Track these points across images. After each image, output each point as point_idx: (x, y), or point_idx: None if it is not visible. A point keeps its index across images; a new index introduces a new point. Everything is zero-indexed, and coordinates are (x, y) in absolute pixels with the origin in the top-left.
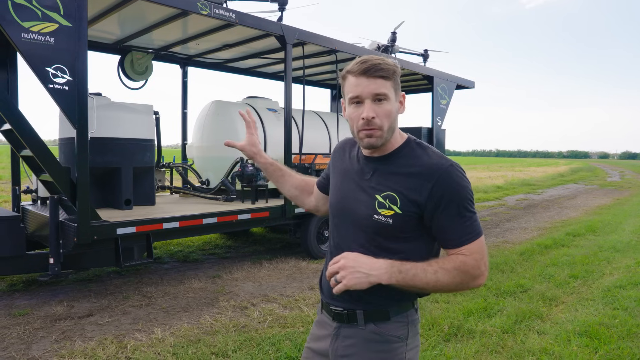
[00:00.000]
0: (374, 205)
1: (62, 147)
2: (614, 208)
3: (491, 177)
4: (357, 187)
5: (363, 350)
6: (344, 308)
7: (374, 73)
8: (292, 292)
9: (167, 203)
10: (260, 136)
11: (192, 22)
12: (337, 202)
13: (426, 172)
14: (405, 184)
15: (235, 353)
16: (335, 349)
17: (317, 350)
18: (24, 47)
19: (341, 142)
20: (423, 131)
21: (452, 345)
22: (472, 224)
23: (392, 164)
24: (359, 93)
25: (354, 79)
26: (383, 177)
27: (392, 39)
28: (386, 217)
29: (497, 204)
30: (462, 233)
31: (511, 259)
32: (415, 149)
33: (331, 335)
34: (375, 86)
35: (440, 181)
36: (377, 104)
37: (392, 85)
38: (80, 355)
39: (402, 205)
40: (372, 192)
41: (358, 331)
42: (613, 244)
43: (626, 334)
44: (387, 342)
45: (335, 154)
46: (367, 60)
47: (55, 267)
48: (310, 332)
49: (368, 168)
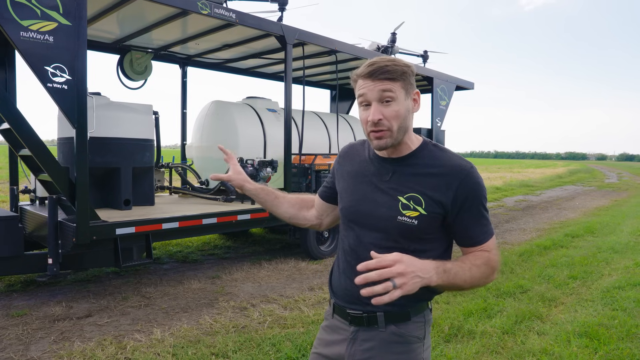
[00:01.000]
0: (397, 206)
1: (60, 146)
2: (612, 209)
3: (490, 178)
4: (375, 189)
5: (383, 352)
6: (364, 311)
7: (379, 75)
8: (292, 293)
9: (167, 203)
10: (260, 136)
11: (192, 22)
12: (352, 205)
13: (449, 173)
14: (429, 185)
15: (235, 354)
16: (353, 354)
17: (329, 356)
18: (22, 45)
19: (346, 147)
20: (423, 132)
21: (453, 345)
22: (489, 222)
23: (412, 165)
24: (366, 96)
25: (361, 82)
26: (404, 178)
27: (392, 39)
28: (411, 218)
29: (495, 205)
30: (483, 231)
31: (510, 260)
32: (434, 150)
33: (347, 339)
34: (382, 88)
35: (465, 182)
36: (384, 106)
37: (402, 85)
38: (79, 356)
39: (426, 206)
40: (394, 194)
41: (377, 334)
42: (611, 245)
43: (625, 335)
44: (407, 342)
45: (342, 159)
46: (374, 63)
47: (53, 268)
48: (318, 338)
49: (386, 169)
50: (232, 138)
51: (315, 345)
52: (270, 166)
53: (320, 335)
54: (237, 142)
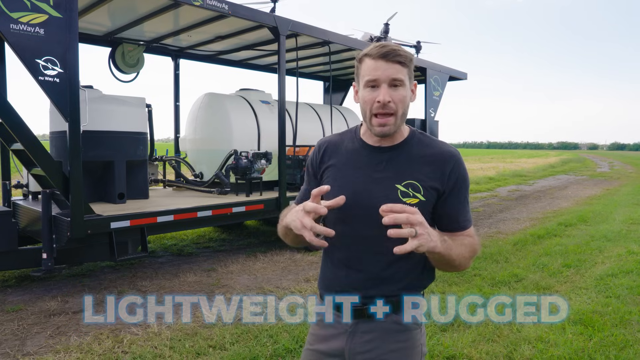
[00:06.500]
0: (396, 195)
1: (53, 140)
2: (604, 198)
3: (483, 168)
4: (369, 179)
5: (384, 342)
6: (364, 303)
7: (392, 58)
8: (288, 285)
9: (161, 196)
10: (254, 128)
11: (184, 13)
12: (346, 199)
13: (441, 159)
14: (424, 171)
15: (232, 346)
16: (354, 347)
17: (327, 352)
18: (12, 38)
19: (322, 143)
20: (416, 123)
21: (449, 334)
22: (469, 210)
23: (406, 153)
24: (377, 76)
25: (372, 62)
26: (399, 165)
27: (384, 30)
28: (412, 205)
29: (489, 195)
30: (466, 217)
31: (505, 249)
32: (423, 138)
33: (346, 332)
34: (393, 71)
35: (455, 168)
36: (393, 89)
37: (408, 72)
38: (76, 350)
39: (425, 193)
40: (391, 182)
41: (378, 324)
42: (604, 234)
43: (619, 321)
44: (407, 330)
45: (321, 156)
46: (387, 45)
47: (48, 262)
48: (312, 334)
49: (379, 158)
50: (225, 130)
51: (309, 341)
52: (265, 158)
53: (313, 331)
54: (231, 135)
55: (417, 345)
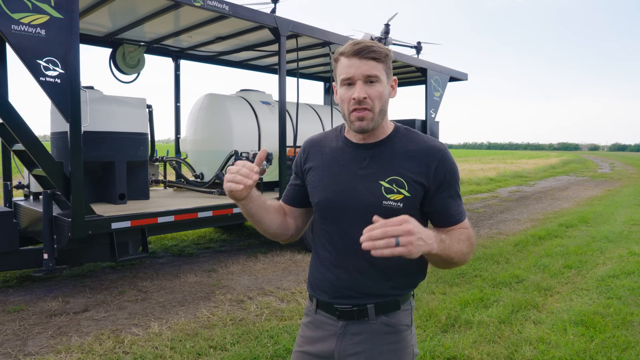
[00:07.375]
0: (380, 191)
1: (54, 141)
2: (605, 199)
3: (483, 169)
4: (354, 177)
5: (375, 344)
6: (353, 305)
7: (366, 54)
8: (289, 285)
9: (162, 197)
10: (254, 129)
11: (184, 14)
12: (330, 197)
13: (427, 154)
14: (408, 166)
15: (233, 346)
16: (343, 349)
17: (316, 354)
18: (14, 39)
19: (307, 142)
20: (417, 123)
21: (450, 335)
22: (461, 203)
23: (390, 149)
24: (351, 74)
25: (346, 60)
26: (383, 161)
27: (385, 31)
28: (396, 201)
29: (489, 195)
30: (458, 210)
31: (506, 250)
32: (407, 133)
33: (336, 334)
34: (367, 67)
35: (442, 162)
36: (368, 86)
37: (384, 68)
38: (77, 351)
39: (409, 188)
40: (374, 179)
41: (368, 326)
42: (605, 235)
43: (621, 323)
44: (398, 332)
45: (306, 155)
46: (360, 42)
47: (49, 263)
48: (301, 336)
49: (362, 155)
50: (226, 131)
51: (298, 343)
52: (265, 159)
53: (303, 333)
54: (232, 135)
55: (408, 347)
